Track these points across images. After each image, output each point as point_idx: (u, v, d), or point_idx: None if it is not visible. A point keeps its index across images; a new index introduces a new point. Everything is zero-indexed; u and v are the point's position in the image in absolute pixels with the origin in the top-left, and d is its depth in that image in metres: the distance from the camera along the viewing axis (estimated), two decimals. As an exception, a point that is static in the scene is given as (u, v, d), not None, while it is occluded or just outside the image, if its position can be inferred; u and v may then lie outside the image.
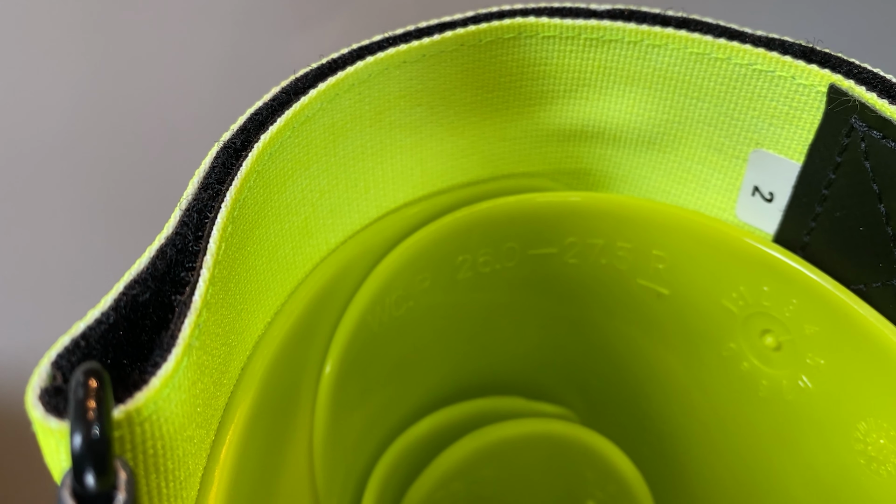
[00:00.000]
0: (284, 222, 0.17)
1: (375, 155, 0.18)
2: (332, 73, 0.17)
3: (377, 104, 0.18)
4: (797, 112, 0.17)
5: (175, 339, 0.12)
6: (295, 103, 0.16)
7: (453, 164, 0.20)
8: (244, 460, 0.15)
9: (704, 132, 0.19)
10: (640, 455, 0.24)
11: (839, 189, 0.17)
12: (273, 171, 0.16)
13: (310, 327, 0.18)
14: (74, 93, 0.35)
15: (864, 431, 0.17)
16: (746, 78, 0.18)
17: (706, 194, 0.20)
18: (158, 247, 0.13)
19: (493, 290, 0.22)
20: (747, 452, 0.21)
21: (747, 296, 0.19)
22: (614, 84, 0.19)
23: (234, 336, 0.15)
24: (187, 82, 0.36)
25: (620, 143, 0.20)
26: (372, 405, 0.21)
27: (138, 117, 0.36)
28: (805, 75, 0.17)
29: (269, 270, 0.17)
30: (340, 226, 0.19)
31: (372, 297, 0.19)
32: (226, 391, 0.15)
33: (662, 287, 0.20)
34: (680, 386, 0.22)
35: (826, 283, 0.17)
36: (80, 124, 0.35)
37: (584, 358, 0.23)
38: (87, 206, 0.36)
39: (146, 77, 0.34)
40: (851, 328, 0.17)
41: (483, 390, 0.24)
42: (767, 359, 0.19)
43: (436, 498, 0.23)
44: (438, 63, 0.18)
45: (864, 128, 0.16)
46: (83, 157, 0.36)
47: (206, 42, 0.35)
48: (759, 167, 0.18)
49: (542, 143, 0.21)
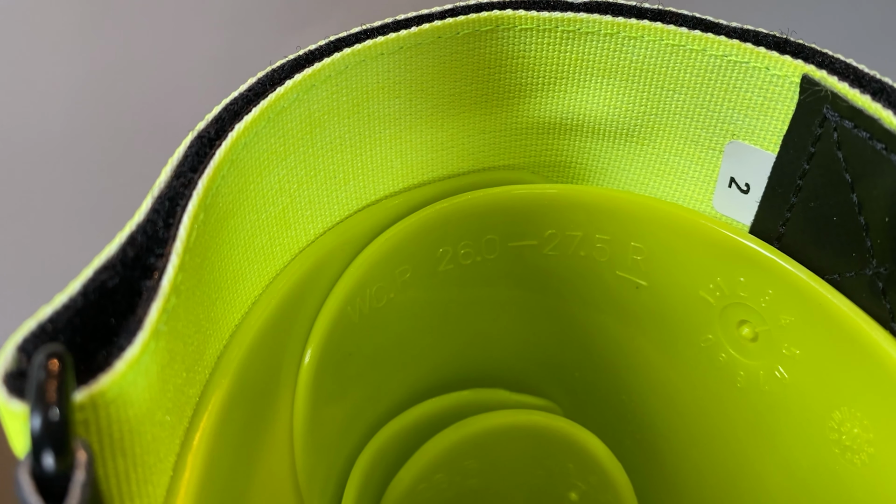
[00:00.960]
0: (261, 212, 0.17)
1: (354, 146, 0.19)
2: (309, 64, 0.17)
3: (355, 95, 0.18)
4: (771, 103, 0.17)
5: (141, 323, 0.12)
6: (271, 93, 0.16)
7: (434, 157, 0.20)
8: (219, 448, 0.15)
9: (681, 124, 0.19)
10: (622, 446, 0.24)
11: (813, 179, 0.17)
12: (248, 161, 0.16)
13: (289, 317, 0.18)
14: (71, 92, 0.35)
15: (838, 421, 0.17)
16: (721, 69, 0.18)
17: (684, 186, 0.20)
18: (129, 233, 0.13)
19: (474, 282, 0.22)
20: (726, 443, 0.21)
21: (724, 287, 0.19)
22: (592, 76, 0.19)
23: (208, 324, 0.15)
24: (185, 82, 0.36)
25: (599, 135, 0.20)
26: (354, 397, 0.21)
27: (134, 117, 0.36)
28: (779, 66, 0.17)
29: (246, 260, 0.17)
30: (320, 217, 0.19)
31: (352, 287, 0.19)
32: (201, 379, 0.15)
33: (641, 279, 0.20)
34: (659, 377, 0.22)
35: (801, 273, 0.17)
36: (75, 123, 0.36)
37: (566, 350, 0.23)
38: (79, 201, 0.37)
39: (142, 77, 0.35)
40: (825, 318, 0.17)
41: (467, 382, 0.24)
42: (744, 349, 0.19)
43: (419, 489, 0.24)
44: (416, 55, 0.18)
45: (836, 117, 0.16)
46: (77, 156, 0.37)
47: (203, 42, 0.35)
48: (735, 159, 0.19)
49: (522, 135, 0.21)
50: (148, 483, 0.13)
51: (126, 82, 0.35)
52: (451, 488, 0.24)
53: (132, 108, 0.36)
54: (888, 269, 0.16)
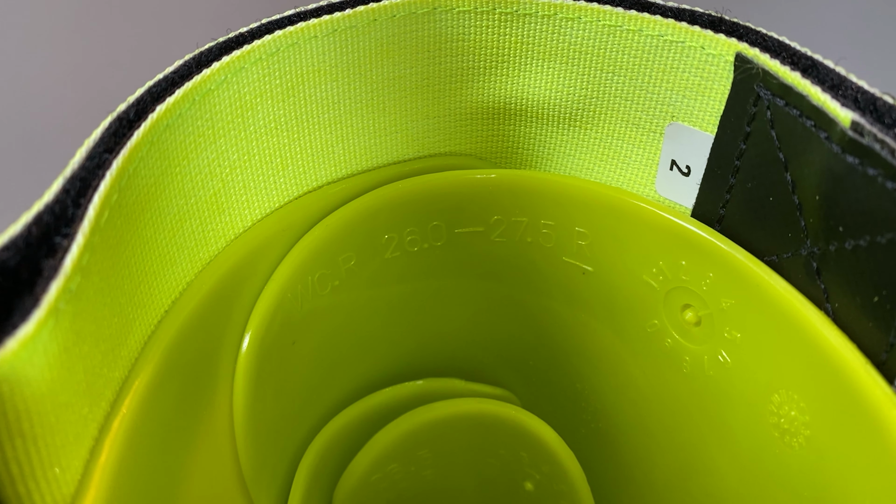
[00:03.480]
0: (190, 196, 0.17)
1: (291, 130, 0.18)
2: (239, 46, 0.17)
3: (288, 79, 0.18)
4: (708, 83, 0.17)
5: (38, 301, 0.12)
6: (196, 75, 0.16)
7: (377, 142, 0.20)
8: (143, 433, 0.15)
9: (622, 107, 0.19)
10: (578, 435, 0.24)
11: (750, 159, 0.17)
12: (171, 143, 0.16)
13: (224, 303, 0.18)
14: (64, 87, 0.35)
15: (777, 404, 0.17)
16: (658, 49, 0.17)
17: (627, 170, 0.20)
18: (35, 213, 0.13)
19: (423, 269, 0.22)
20: (676, 429, 0.20)
21: (666, 271, 0.19)
22: (532, 60, 0.19)
23: (132, 308, 0.15)
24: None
25: (543, 120, 0.20)
26: (301, 387, 0.21)
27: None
28: (713, 45, 0.17)
29: (175, 244, 0.17)
30: (257, 202, 0.19)
31: (292, 274, 0.19)
32: (124, 363, 0.15)
33: (587, 264, 0.20)
34: (610, 365, 0.22)
35: (739, 255, 0.17)
36: (68, 120, 0.35)
37: (518, 338, 0.23)
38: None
39: (133, 74, 0.34)
40: (763, 300, 0.17)
41: (421, 372, 0.24)
42: (689, 334, 0.19)
43: (373, 480, 0.23)
44: (351, 38, 0.18)
45: (769, 95, 0.16)
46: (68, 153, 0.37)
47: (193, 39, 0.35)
48: (675, 141, 0.18)
49: (467, 120, 0.20)
50: (54, 465, 0.13)
51: (114, 80, 0.35)
52: (407, 479, 0.24)
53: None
54: (821, 249, 0.16)
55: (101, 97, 0.34)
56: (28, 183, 0.37)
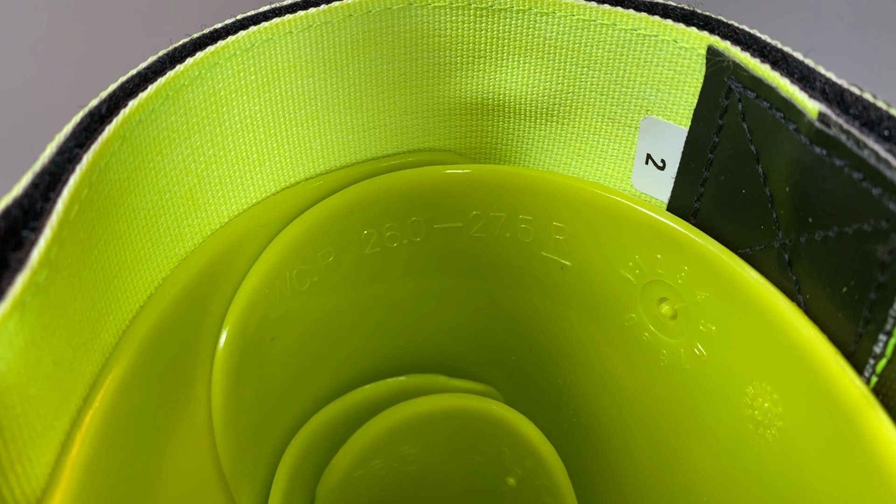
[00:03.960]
0: (165, 192, 0.17)
1: (267, 126, 0.18)
2: (213, 42, 0.17)
3: (264, 74, 0.18)
4: (681, 76, 0.17)
5: (4, 294, 0.12)
6: (170, 71, 0.16)
7: (355, 138, 0.20)
8: (116, 428, 0.15)
9: (597, 101, 0.19)
10: (560, 430, 0.24)
11: (723, 152, 0.17)
12: (145, 139, 0.16)
13: (200, 298, 0.18)
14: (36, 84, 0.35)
15: (751, 396, 0.17)
16: (632, 44, 0.18)
17: (604, 165, 0.20)
18: (3, 206, 0.13)
19: (403, 265, 0.22)
20: (654, 423, 0.21)
21: (642, 264, 0.19)
22: (509, 55, 0.19)
23: (105, 303, 0.15)
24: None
25: (520, 115, 0.20)
26: (282, 383, 0.21)
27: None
28: (686, 38, 0.17)
29: (150, 240, 0.17)
30: (234, 199, 0.19)
31: (270, 269, 0.19)
32: (98, 358, 0.15)
33: (565, 259, 0.20)
34: (590, 359, 0.22)
35: (713, 247, 0.17)
36: (39, 116, 0.35)
37: (500, 333, 0.23)
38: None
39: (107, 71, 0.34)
40: (737, 293, 0.17)
41: (404, 368, 0.24)
42: (665, 327, 0.19)
43: (356, 476, 0.23)
44: (327, 34, 0.18)
45: (740, 88, 0.16)
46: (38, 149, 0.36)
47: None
48: (650, 135, 0.18)
49: (445, 116, 0.21)
50: (23, 458, 0.13)
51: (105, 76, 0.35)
52: (390, 475, 0.24)
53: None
54: (792, 240, 0.16)
55: (74, 94, 0.34)
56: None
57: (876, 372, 0.14)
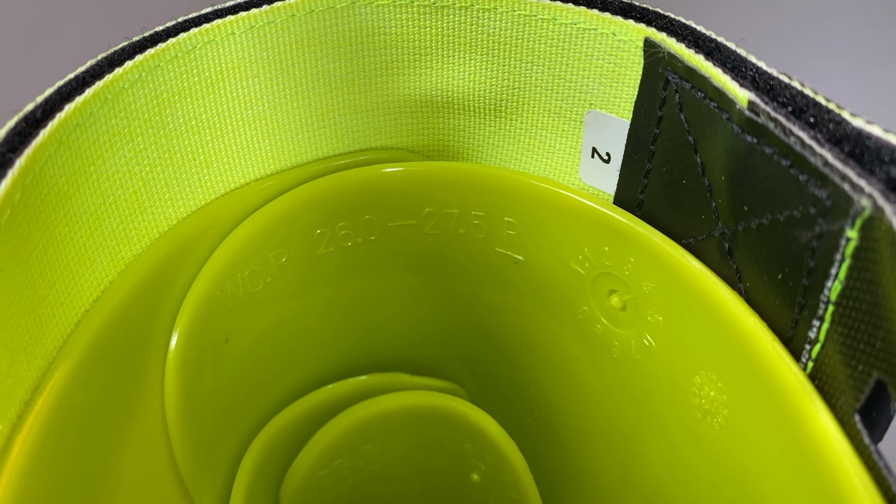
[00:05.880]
0: (108, 195, 0.17)
1: (213, 128, 0.18)
2: (154, 45, 0.17)
3: (207, 76, 0.18)
4: (621, 69, 0.17)
5: (-73, 299, 0.12)
6: (108, 74, 0.16)
7: (305, 138, 0.20)
8: (60, 432, 0.15)
9: (542, 96, 0.19)
10: (523, 425, 0.24)
11: (663, 143, 0.17)
12: (83, 142, 0.16)
13: (149, 301, 0.18)
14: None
15: (698, 385, 0.17)
16: (572, 38, 0.18)
17: (552, 160, 0.20)
18: (-69, 213, 0.13)
19: (359, 264, 0.22)
20: (610, 415, 0.21)
21: (591, 257, 0.19)
22: (454, 52, 0.19)
23: (46, 307, 0.15)
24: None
25: (470, 112, 0.20)
26: (239, 385, 0.21)
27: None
28: (624, 31, 0.17)
29: (94, 243, 0.17)
30: (181, 201, 0.19)
31: (220, 270, 0.19)
32: (40, 363, 0.15)
33: (518, 253, 0.20)
34: (548, 353, 0.22)
35: (657, 238, 0.17)
36: None
37: (460, 331, 0.23)
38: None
39: (45, 76, 0.34)
40: (680, 283, 0.17)
41: (366, 368, 0.24)
42: (616, 319, 0.19)
43: (319, 476, 0.23)
44: (270, 34, 0.18)
45: (676, 79, 0.16)
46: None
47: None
48: (594, 128, 0.18)
49: (395, 114, 0.21)
50: (-43, 463, 0.13)
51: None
52: (354, 474, 0.24)
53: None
54: (731, 229, 0.16)
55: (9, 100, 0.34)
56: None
57: (812, 357, 0.15)
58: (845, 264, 0.13)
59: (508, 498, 0.24)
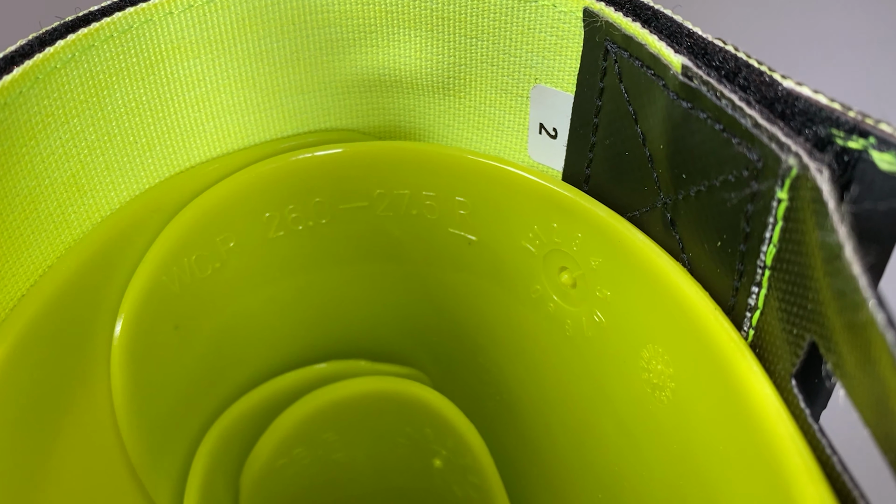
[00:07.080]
0: (43, 177, 0.16)
1: (155, 109, 0.18)
2: (87, 24, 0.17)
3: (146, 56, 0.17)
4: (563, 41, 0.17)
5: None
6: (38, 54, 0.16)
7: (251, 119, 0.20)
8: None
9: (489, 73, 0.19)
10: (486, 409, 0.24)
11: (606, 116, 0.17)
12: (13, 123, 0.15)
13: (90, 287, 0.18)
14: None
15: (646, 359, 0.17)
16: (514, 11, 0.17)
17: (502, 137, 0.20)
18: None
19: (311, 248, 0.21)
20: (566, 394, 0.20)
21: (541, 234, 0.19)
22: (399, 29, 0.19)
23: (-23, 291, 0.15)
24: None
25: (418, 90, 0.20)
26: (193, 372, 0.21)
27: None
28: (563, 2, 0.17)
29: (29, 227, 0.16)
30: (123, 184, 0.18)
31: (165, 255, 0.19)
32: (-28, 349, 0.15)
33: (470, 233, 0.20)
34: (504, 335, 0.22)
35: (602, 212, 0.17)
36: None
37: (418, 314, 0.23)
38: None
39: None
40: (625, 256, 0.17)
41: (325, 355, 0.24)
42: (567, 296, 0.19)
43: (279, 465, 0.23)
44: (210, 13, 0.18)
45: (615, 48, 0.16)
46: None
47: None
48: (540, 103, 0.18)
49: (343, 94, 0.20)
50: None
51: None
52: (315, 463, 0.24)
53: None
54: (672, 199, 0.16)
55: None
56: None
57: (752, 325, 0.14)
58: (778, 226, 0.13)
59: (470, 483, 0.23)
